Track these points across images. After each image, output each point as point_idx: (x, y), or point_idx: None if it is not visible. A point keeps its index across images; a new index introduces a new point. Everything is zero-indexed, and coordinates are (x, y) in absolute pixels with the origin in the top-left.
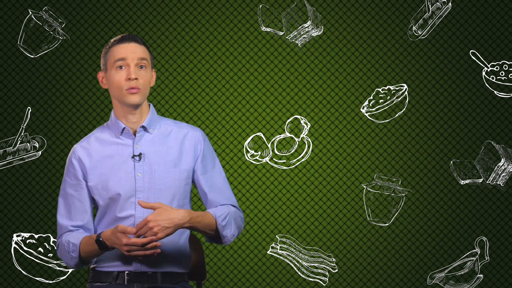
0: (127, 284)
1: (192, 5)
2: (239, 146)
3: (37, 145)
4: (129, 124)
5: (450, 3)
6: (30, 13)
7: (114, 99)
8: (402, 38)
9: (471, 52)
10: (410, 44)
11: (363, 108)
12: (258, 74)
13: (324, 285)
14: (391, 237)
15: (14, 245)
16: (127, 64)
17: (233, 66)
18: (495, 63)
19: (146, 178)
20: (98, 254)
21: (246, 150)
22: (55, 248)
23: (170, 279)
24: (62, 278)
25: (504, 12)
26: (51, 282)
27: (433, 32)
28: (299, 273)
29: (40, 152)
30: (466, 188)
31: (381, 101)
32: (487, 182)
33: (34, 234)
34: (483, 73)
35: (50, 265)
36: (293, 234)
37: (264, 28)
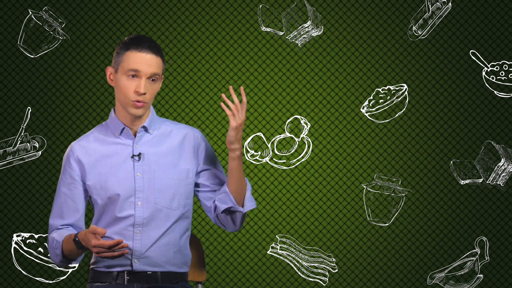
0: (127, 284)
1: (192, 5)
2: None
3: (37, 145)
4: (129, 124)
5: (450, 3)
6: (30, 13)
7: (118, 101)
8: (402, 38)
9: (471, 52)
10: (410, 44)
11: (363, 108)
12: (258, 74)
13: (324, 285)
14: (391, 237)
15: (14, 245)
16: (140, 76)
17: (233, 66)
18: (495, 63)
19: (145, 178)
20: (78, 253)
21: (246, 150)
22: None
23: (170, 279)
24: (62, 278)
25: (504, 12)
26: (51, 282)
27: (433, 32)
28: (299, 273)
29: (40, 152)
30: (466, 188)
31: (381, 101)
32: (487, 182)
33: (34, 234)
34: (483, 73)
35: (50, 265)
36: (293, 234)
37: (264, 28)
